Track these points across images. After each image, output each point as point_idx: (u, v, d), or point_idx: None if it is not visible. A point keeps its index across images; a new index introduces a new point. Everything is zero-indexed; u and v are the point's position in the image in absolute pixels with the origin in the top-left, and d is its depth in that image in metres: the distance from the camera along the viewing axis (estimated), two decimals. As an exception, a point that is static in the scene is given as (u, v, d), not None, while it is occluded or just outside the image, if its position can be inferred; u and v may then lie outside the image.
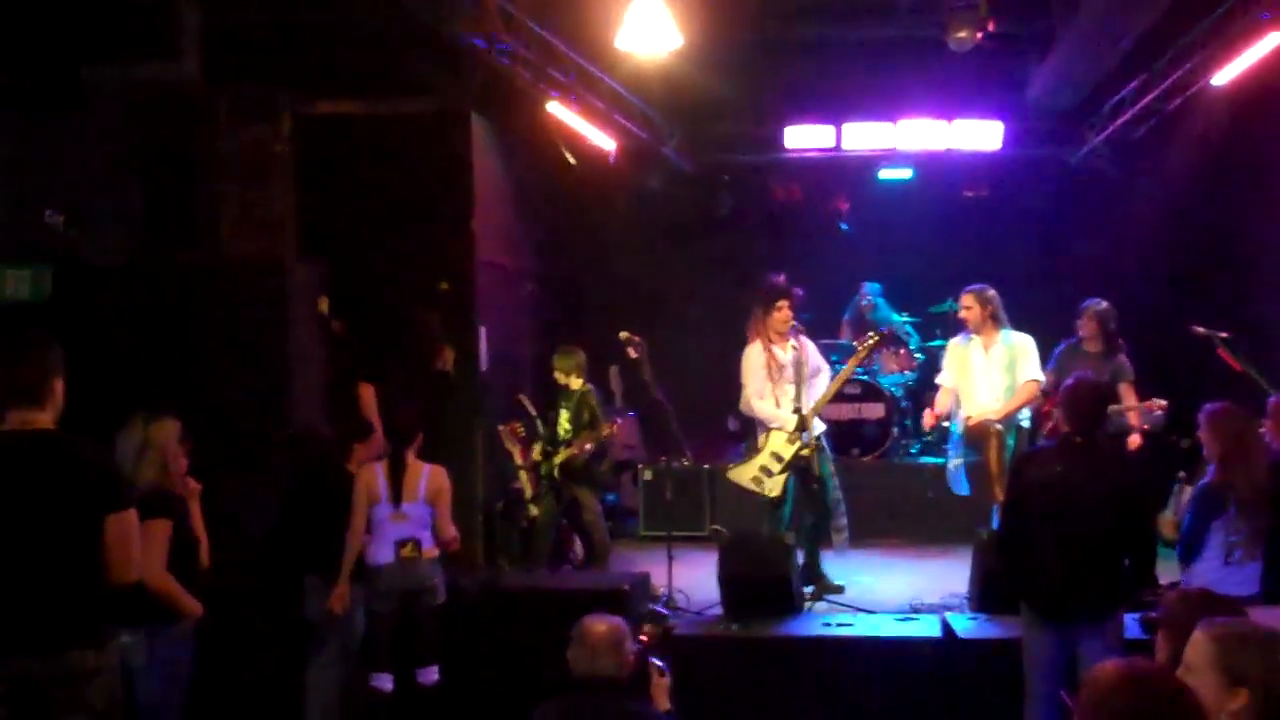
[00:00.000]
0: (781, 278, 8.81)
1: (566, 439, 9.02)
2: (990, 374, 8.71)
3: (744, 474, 8.64)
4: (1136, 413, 8.85)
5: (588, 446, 8.91)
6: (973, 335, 8.85)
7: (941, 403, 8.92)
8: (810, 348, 8.90)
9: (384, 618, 7.00)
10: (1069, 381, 6.02)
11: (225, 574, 6.46)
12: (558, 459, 9.01)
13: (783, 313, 8.68)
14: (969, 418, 8.67)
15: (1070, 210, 13.00)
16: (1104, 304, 9.05)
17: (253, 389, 8.14)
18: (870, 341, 8.93)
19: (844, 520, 8.76)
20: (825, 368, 8.98)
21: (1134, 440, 8.82)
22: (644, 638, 5.14)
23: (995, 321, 8.73)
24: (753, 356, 8.73)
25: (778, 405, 8.61)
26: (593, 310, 12.88)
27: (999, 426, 8.47)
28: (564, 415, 8.99)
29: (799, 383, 8.57)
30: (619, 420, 9.00)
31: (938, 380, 9.12)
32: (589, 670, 4.72)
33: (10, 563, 4.56)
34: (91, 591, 4.68)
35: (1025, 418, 8.72)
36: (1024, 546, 5.82)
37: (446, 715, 7.13)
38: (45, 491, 4.60)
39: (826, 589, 8.65)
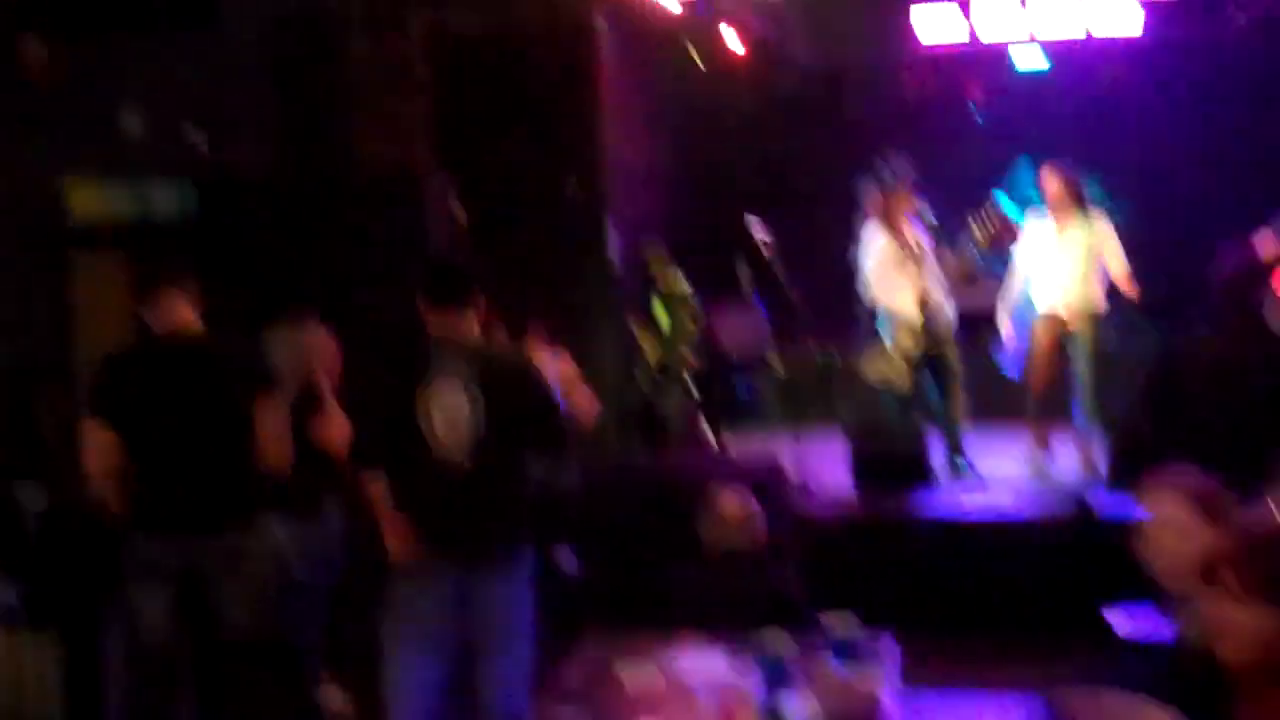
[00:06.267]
0: (901, 155, 8.27)
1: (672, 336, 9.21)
2: (1061, 260, 8.00)
3: (875, 367, 8.27)
4: None
5: (686, 347, 9.04)
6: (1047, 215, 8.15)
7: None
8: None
9: None
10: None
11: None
12: (674, 354, 9.19)
13: (905, 191, 8.11)
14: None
15: (1222, 96, 12.41)
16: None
17: (393, 297, 8.35)
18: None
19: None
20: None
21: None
22: None
23: (1078, 203, 8.01)
24: (873, 239, 8.16)
25: (901, 293, 8.03)
26: (722, 208, 12.86)
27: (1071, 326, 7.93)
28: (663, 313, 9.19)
29: (921, 267, 8.03)
30: (709, 311, 9.10)
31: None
32: (721, 541, 4.86)
33: (175, 452, 4.87)
34: (245, 476, 4.98)
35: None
36: (1178, 425, 5.71)
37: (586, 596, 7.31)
38: (202, 383, 4.93)
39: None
